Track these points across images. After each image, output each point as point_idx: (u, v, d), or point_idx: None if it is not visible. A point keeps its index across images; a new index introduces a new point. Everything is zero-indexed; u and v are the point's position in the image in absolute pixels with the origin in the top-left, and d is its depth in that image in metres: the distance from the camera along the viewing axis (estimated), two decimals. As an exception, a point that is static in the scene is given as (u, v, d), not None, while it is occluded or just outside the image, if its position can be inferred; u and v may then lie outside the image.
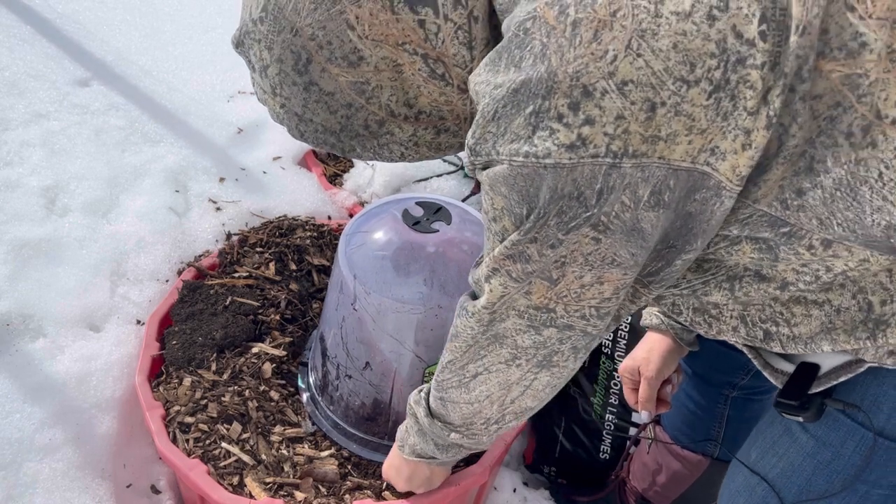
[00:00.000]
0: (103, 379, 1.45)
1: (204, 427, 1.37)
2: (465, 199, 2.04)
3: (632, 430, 1.66)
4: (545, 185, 0.73)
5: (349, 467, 1.38)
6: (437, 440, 1.12)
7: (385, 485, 1.33)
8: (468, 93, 0.86)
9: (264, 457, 1.35)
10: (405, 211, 1.35)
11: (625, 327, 1.61)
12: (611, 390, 1.66)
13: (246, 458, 1.34)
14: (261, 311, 1.58)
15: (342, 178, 2.19)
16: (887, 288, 0.79)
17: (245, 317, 1.55)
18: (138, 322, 1.58)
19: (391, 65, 0.85)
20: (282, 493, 1.30)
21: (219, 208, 1.87)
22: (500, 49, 0.75)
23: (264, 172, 2.06)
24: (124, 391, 1.47)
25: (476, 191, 2.07)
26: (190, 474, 1.29)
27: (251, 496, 1.28)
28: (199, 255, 1.75)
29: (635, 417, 1.66)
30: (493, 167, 0.76)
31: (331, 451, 1.40)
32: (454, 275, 1.29)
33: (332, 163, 2.28)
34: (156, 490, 1.44)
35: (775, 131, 0.71)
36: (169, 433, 1.36)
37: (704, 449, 1.46)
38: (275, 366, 1.49)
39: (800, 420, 0.93)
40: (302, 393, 1.49)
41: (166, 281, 1.67)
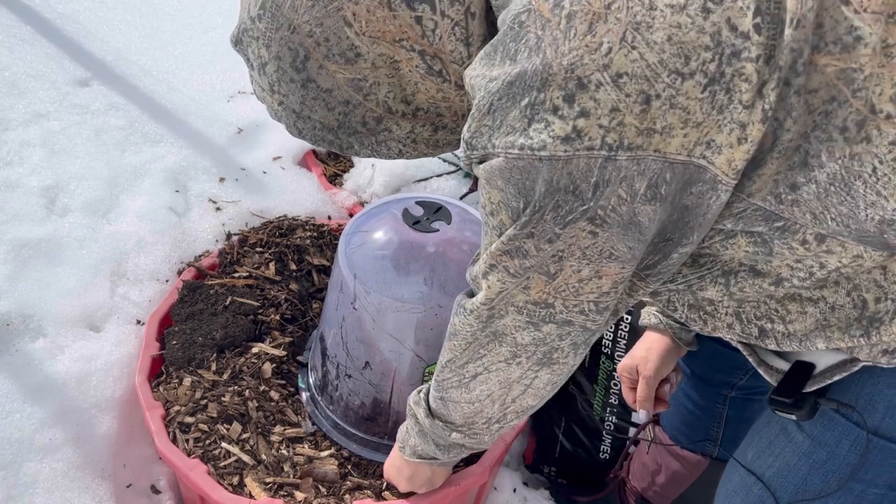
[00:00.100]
0: (103, 379, 1.45)
1: (204, 427, 1.37)
2: (462, 196, 2.04)
3: (632, 431, 1.66)
4: (541, 178, 0.73)
5: (349, 467, 1.38)
6: (439, 440, 1.12)
7: (385, 484, 1.33)
8: (465, 89, 0.86)
9: (264, 457, 1.35)
10: (405, 210, 1.35)
11: (625, 327, 1.60)
12: (611, 390, 1.66)
13: (246, 458, 1.33)
14: (261, 311, 1.58)
15: (342, 178, 2.19)
16: (881, 285, 0.79)
17: (245, 317, 1.55)
18: (138, 322, 1.58)
19: (388, 61, 0.85)
20: (282, 493, 1.30)
21: (219, 208, 1.87)
22: (496, 42, 0.75)
23: (264, 172, 2.06)
24: (124, 391, 1.47)
25: (474, 188, 2.07)
26: (190, 474, 1.29)
27: (251, 496, 1.28)
28: (199, 255, 1.75)
29: (635, 417, 1.66)
30: (489, 161, 0.76)
31: (331, 451, 1.40)
32: (454, 274, 1.29)
33: (332, 163, 2.28)
34: (156, 490, 1.44)
35: (770, 125, 0.71)
36: (169, 433, 1.36)
37: (704, 449, 1.46)
38: (275, 366, 1.49)
39: (793, 418, 0.93)
40: (302, 393, 1.49)
41: (166, 281, 1.67)
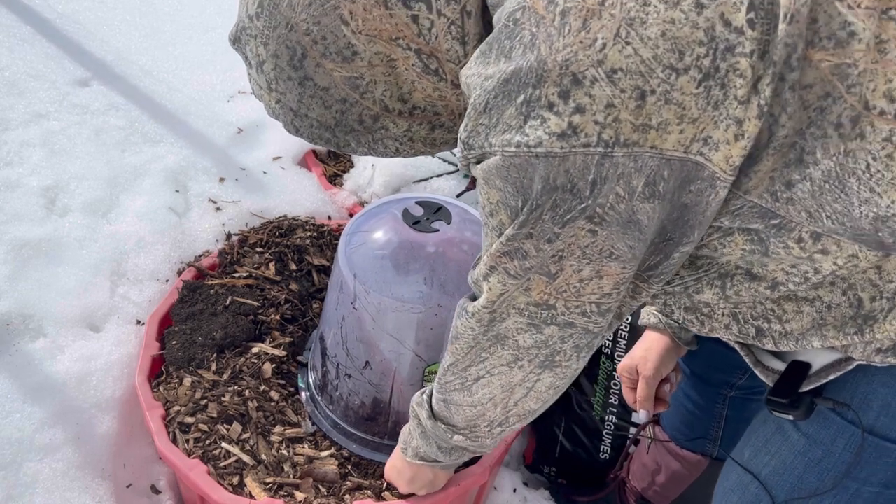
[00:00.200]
0: (103, 379, 1.45)
1: (204, 427, 1.37)
2: (459, 194, 2.03)
3: (632, 431, 1.66)
4: (538, 176, 0.73)
5: (349, 467, 1.38)
6: (441, 443, 1.11)
7: (385, 485, 1.33)
8: (462, 88, 0.86)
9: (264, 457, 1.35)
10: (405, 210, 1.35)
11: (625, 327, 1.60)
12: (611, 390, 1.66)
13: (246, 458, 1.33)
14: (261, 311, 1.58)
15: (342, 178, 2.18)
16: (877, 284, 0.79)
17: (245, 317, 1.55)
18: (138, 322, 1.58)
19: (385, 60, 0.85)
20: (282, 493, 1.30)
21: (219, 208, 1.87)
22: (491, 41, 0.75)
23: (264, 172, 2.06)
24: (124, 391, 1.47)
25: (471, 186, 2.06)
26: (190, 474, 1.29)
27: (251, 496, 1.28)
28: (199, 255, 1.75)
29: (635, 417, 1.66)
30: (486, 160, 0.75)
31: (331, 451, 1.40)
32: (454, 274, 1.28)
33: (332, 163, 2.28)
34: (156, 490, 1.44)
35: (766, 121, 0.70)
36: (169, 433, 1.36)
37: (703, 449, 1.46)
38: (275, 366, 1.49)
39: (790, 418, 0.93)
40: (302, 393, 1.49)
41: (166, 281, 1.67)
